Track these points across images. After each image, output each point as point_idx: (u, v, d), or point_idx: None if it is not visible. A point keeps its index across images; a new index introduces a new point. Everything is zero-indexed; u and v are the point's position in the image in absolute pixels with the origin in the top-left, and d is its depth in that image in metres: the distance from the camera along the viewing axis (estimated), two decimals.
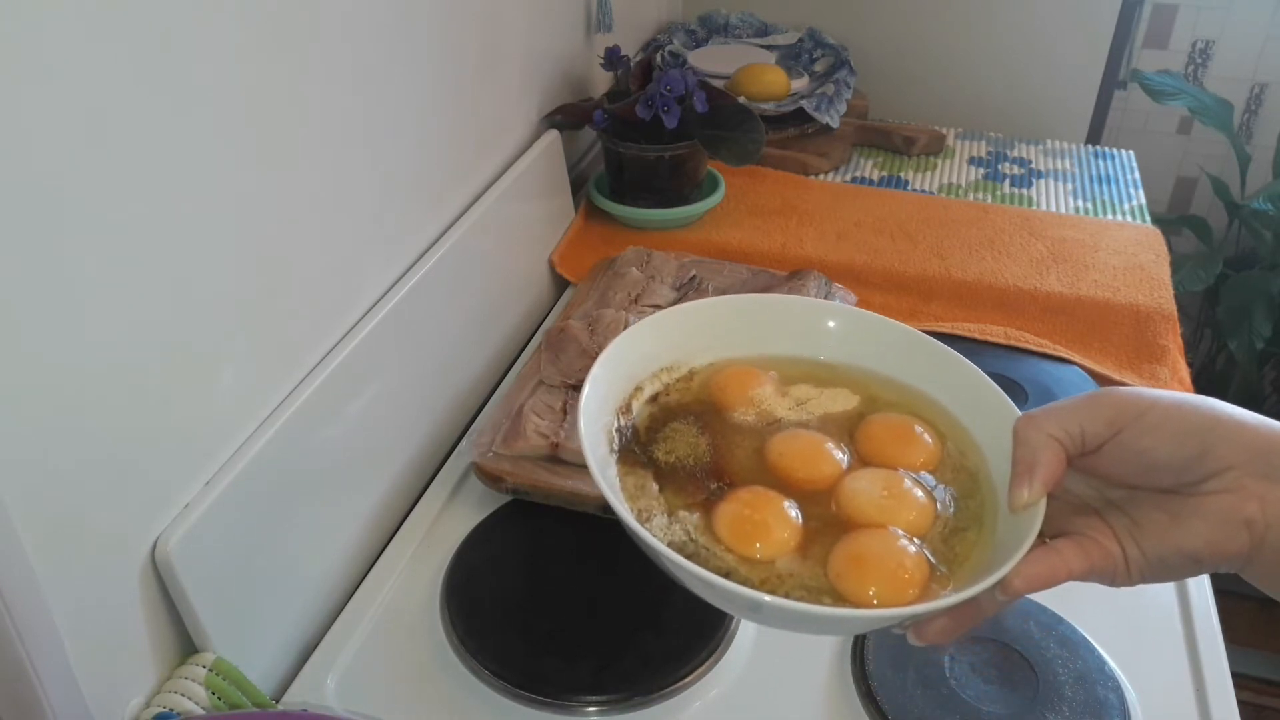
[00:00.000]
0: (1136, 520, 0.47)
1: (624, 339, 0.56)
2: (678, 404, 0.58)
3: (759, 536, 0.49)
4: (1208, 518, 0.44)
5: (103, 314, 0.53)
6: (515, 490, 0.79)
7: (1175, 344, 1.00)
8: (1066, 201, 1.28)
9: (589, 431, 0.51)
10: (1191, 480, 0.45)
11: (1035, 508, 0.47)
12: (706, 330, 0.60)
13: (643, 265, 1.03)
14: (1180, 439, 0.45)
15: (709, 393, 0.58)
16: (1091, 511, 0.49)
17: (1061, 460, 0.47)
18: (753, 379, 0.59)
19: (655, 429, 0.56)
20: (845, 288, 1.02)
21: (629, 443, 0.55)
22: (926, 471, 0.54)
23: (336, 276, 0.75)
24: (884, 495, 0.51)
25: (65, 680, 0.52)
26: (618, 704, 0.65)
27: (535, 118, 1.10)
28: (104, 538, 0.55)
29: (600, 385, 0.54)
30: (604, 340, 0.89)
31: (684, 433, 0.56)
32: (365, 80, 0.76)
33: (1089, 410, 0.47)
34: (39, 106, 0.47)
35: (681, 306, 0.60)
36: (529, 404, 0.83)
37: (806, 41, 1.48)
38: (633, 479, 0.53)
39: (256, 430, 0.66)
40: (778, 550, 0.49)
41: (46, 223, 0.49)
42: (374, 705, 0.66)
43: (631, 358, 0.57)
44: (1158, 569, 0.46)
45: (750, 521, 0.50)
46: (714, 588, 0.44)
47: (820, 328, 0.61)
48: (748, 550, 0.49)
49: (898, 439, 0.55)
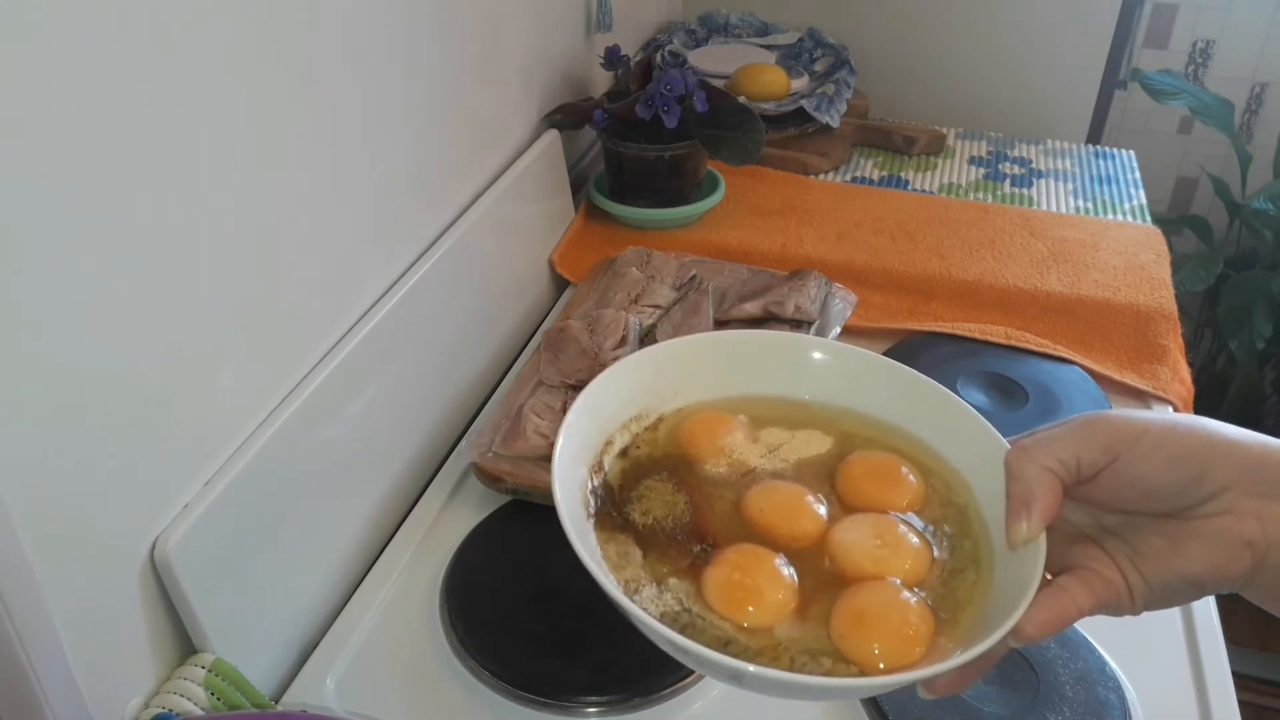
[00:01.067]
0: (1136, 547, 0.46)
1: (591, 390, 0.53)
2: (648, 458, 0.55)
3: (752, 601, 0.47)
4: (1208, 541, 0.44)
5: (103, 314, 0.53)
6: (515, 490, 0.79)
7: (1176, 344, 1.00)
8: (1067, 201, 1.28)
9: (564, 496, 0.48)
10: (1189, 504, 0.44)
11: (1035, 544, 0.46)
12: (674, 371, 0.57)
13: (643, 265, 1.03)
14: (1177, 463, 0.44)
15: (677, 444, 0.56)
16: (1089, 540, 0.48)
17: (1058, 492, 0.46)
18: (721, 426, 0.56)
19: (629, 487, 0.53)
20: (845, 288, 1.02)
21: (605, 505, 0.52)
22: (914, 512, 0.52)
23: (336, 276, 0.75)
24: (877, 545, 0.50)
25: (65, 680, 0.52)
26: (618, 704, 0.65)
27: (535, 117, 1.10)
28: (104, 538, 0.55)
29: (572, 442, 0.51)
30: (603, 340, 0.89)
31: (659, 490, 0.53)
32: (365, 80, 0.76)
33: (1083, 438, 0.46)
34: (39, 107, 0.47)
35: (646, 350, 0.58)
36: (529, 404, 0.83)
37: (806, 41, 1.48)
38: (614, 546, 0.50)
39: (256, 430, 0.66)
40: (775, 615, 0.47)
41: (46, 223, 0.49)
42: (374, 705, 0.66)
43: (602, 408, 0.54)
44: (1161, 595, 0.45)
45: (741, 587, 0.48)
46: (719, 667, 0.43)
47: (792, 362, 0.58)
48: (743, 617, 0.47)
49: (882, 479, 0.53)
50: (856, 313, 1.04)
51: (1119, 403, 0.93)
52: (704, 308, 0.97)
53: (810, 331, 0.94)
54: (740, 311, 0.95)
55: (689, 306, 0.98)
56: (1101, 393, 0.92)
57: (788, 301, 0.94)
